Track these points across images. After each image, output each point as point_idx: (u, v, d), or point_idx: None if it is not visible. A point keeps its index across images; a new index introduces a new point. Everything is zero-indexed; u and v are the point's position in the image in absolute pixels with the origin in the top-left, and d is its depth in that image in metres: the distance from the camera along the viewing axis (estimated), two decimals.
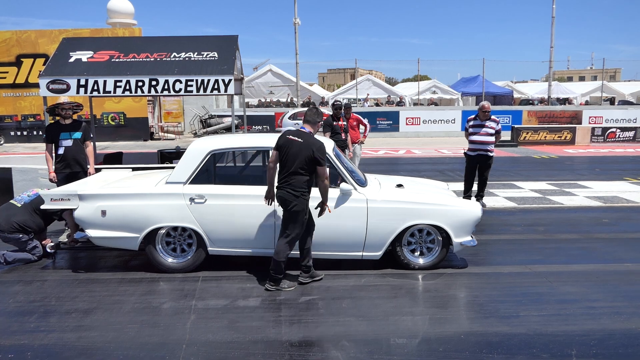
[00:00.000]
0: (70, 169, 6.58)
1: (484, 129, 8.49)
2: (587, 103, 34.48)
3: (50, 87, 7.64)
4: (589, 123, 23.37)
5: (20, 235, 5.63)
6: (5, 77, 21.22)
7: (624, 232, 7.14)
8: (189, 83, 7.75)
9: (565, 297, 4.80)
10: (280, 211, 5.08)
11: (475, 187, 8.69)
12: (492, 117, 8.70)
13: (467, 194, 8.53)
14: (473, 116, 8.80)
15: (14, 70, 21.21)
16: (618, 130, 20.67)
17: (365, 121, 10.15)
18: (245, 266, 5.52)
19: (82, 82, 7.67)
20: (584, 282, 5.16)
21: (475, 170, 8.61)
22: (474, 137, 8.56)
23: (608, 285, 5.09)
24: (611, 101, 35.78)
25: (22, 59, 21.19)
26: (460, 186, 9.81)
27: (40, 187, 6.58)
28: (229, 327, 4.18)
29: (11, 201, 5.93)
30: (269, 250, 5.32)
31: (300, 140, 4.76)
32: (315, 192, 4.93)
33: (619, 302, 4.64)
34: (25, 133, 21.49)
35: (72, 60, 8.09)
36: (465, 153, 8.78)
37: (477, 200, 8.64)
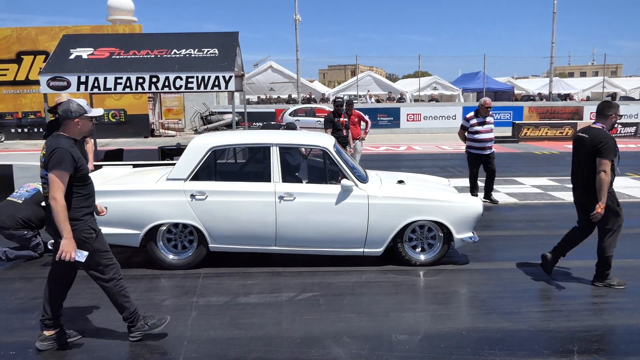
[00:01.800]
0: None
1: (486, 126, 8.38)
2: (588, 99, 34.39)
3: (50, 84, 7.65)
4: (590, 119, 23.25)
5: (25, 232, 5.63)
6: (5, 74, 21.18)
7: (625, 228, 7.09)
8: (190, 80, 7.75)
9: (567, 292, 4.80)
10: (281, 208, 5.09)
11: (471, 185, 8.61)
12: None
13: (474, 192, 8.44)
14: (472, 113, 8.50)
15: (14, 67, 21.17)
16: (619, 126, 20.64)
17: (367, 117, 10.13)
18: (246, 263, 5.52)
19: (83, 79, 7.67)
20: (585, 277, 5.16)
21: (479, 168, 8.50)
22: (479, 135, 8.35)
23: None
24: (612, 97, 35.68)
25: (22, 56, 21.15)
26: (460, 182, 9.80)
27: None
28: (230, 323, 4.18)
29: (9, 198, 5.88)
30: (270, 247, 5.33)
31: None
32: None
33: (621, 298, 4.64)
34: (25, 130, 21.47)
35: (72, 57, 8.09)
36: (468, 152, 8.53)
37: (489, 198, 8.57)
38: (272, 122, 22.52)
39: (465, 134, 8.49)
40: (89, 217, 3.66)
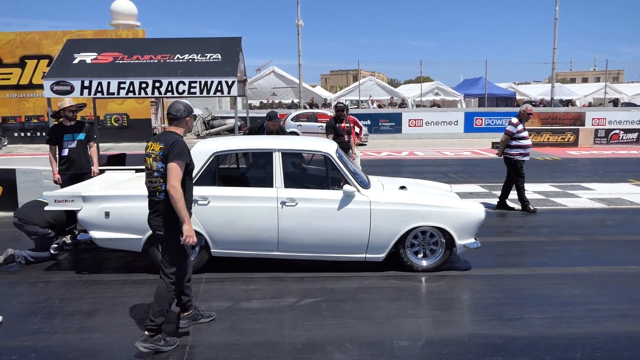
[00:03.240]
0: (74, 170, 6.60)
1: (526, 132, 8.36)
2: (590, 105, 34.40)
3: (54, 89, 7.68)
4: (592, 125, 23.29)
5: (49, 231, 5.69)
6: (9, 79, 21.26)
7: (627, 234, 7.12)
8: (193, 84, 7.77)
9: (569, 299, 4.79)
10: (283, 213, 5.09)
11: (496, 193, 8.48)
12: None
13: (526, 201, 8.37)
14: (517, 120, 8.35)
15: (18, 71, 21.25)
16: (621, 132, 20.61)
17: (361, 123, 10.20)
18: (249, 268, 5.52)
19: (86, 83, 7.70)
20: (588, 284, 5.15)
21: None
22: (525, 141, 8.27)
23: (612, 287, 5.07)
24: (614, 103, 35.68)
25: (26, 60, 21.23)
26: (462, 188, 9.82)
27: (44, 189, 6.59)
28: (232, 329, 4.18)
29: (38, 199, 5.97)
30: (272, 252, 5.33)
31: None
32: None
33: (623, 305, 4.63)
34: (29, 134, 21.53)
35: (76, 61, 8.12)
36: (516, 158, 8.30)
37: (504, 203, 8.50)
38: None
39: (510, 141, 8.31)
40: (190, 209, 3.91)
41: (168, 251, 3.87)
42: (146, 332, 3.76)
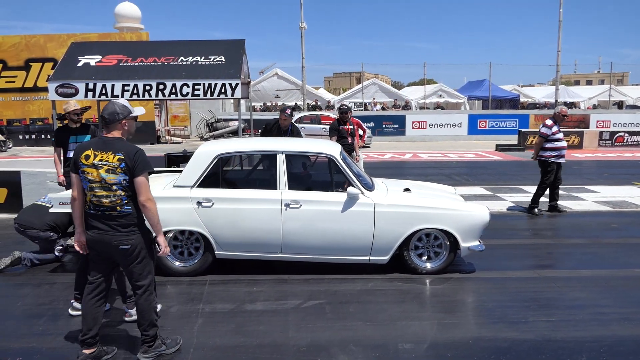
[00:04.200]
0: None
1: (561, 133, 8.30)
2: (594, 107, 34.29)
3: (58, 91, 7.70)
4: (597, 127, 23.21)
5: (52, 234, 5.72)
6: (14, 81, 21.36)
7: (633, 237, 7.08)
8: (196, 87, 7.79)
9: (574, 302, 4.77)
10: (287, 215, 5.09)
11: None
12: None
13: (555, 202, 8.33)
14: (551, 122, 8.31)
15: (23, 74, 21.35)
16: (626, 134, 20.55)
17: (364, 126, 10.18)
18: (253, 270, 5.52)
19: (90, 86, 7.73)
20: (593, 287, 5.12)
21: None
22: (560, 143, 8.24)
23: (617, 290, 5.05)
24: (619, 105, 35.57)
25: (30, 63, 21.33)
26: (466, 190, 9.79)
27: (49, 191, 6.61)
28: (236, 331, 4.18)
29: (37, 202, 6.00)
30: (276, 254, 5.33)
31: None
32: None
33: (629, 308, 4.60)
34: (33, 137, 21.62)
35: (80, 64, 8.15)
36: (550, 160, 8.26)
37: (555, 207, 8.41)
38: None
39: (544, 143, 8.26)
40: None
41: (139, 265, 3.57)
42: (145, 345, 3.68)
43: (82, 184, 3.53)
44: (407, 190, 5.79)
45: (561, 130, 8.33)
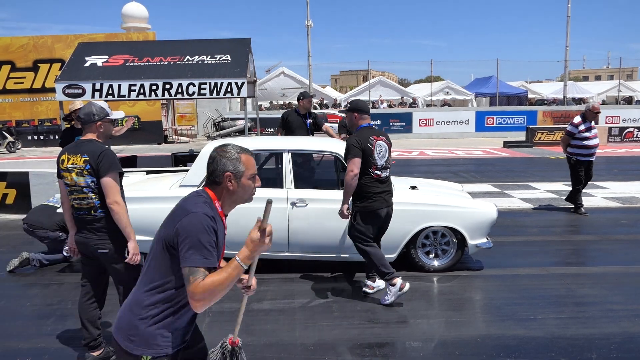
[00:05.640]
0: None
1: (593, 131, 7.97)
2: (603, 103, 33.98)
3: (66, 92, 7.74)
4: (606, 123, 23.00)
5: (61, 234, 5.74)
6: (22, 82, 21.50)
7: (637, 234, 7.01)
8: (203, 86, 7.80)
9: (584, 299, 4.73)
10: (293, 214, 5.08)
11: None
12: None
13: (580, 202, 8.11)
14: (580, 119, 8.02)
15: (31, 75, 21.49)
16: (636, 129, 20.34)
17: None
18: (259, 269, 5.49)
19: (97, 86, 7.76)
20: (603, 284, 5.08)
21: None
22: (588, 142, 7.91)
23: (627, 287, 5.00)
24: (628, 100, 35.25)
25: (38, 64, 21.46)
26: (474, 187, 9.74)
27: (57, 191, 6.64)
28: (243, 330, 4.16)
29: (45, 202, 6.04)
30: (283, 253, 5.32)
31: None
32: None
33: (639, 305, 4.55)
34: (42, 137, 21.76)
35: (87, 65, 8.19)
36: (577, 159, 8.00)
37: (581, 207, 8.16)
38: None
39: (571, 140, 8.04)
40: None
41: (120, 264, 3.50)
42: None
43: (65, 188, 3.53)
44: (414, 187, 5.77)
45: (593, 127, 7.96)
